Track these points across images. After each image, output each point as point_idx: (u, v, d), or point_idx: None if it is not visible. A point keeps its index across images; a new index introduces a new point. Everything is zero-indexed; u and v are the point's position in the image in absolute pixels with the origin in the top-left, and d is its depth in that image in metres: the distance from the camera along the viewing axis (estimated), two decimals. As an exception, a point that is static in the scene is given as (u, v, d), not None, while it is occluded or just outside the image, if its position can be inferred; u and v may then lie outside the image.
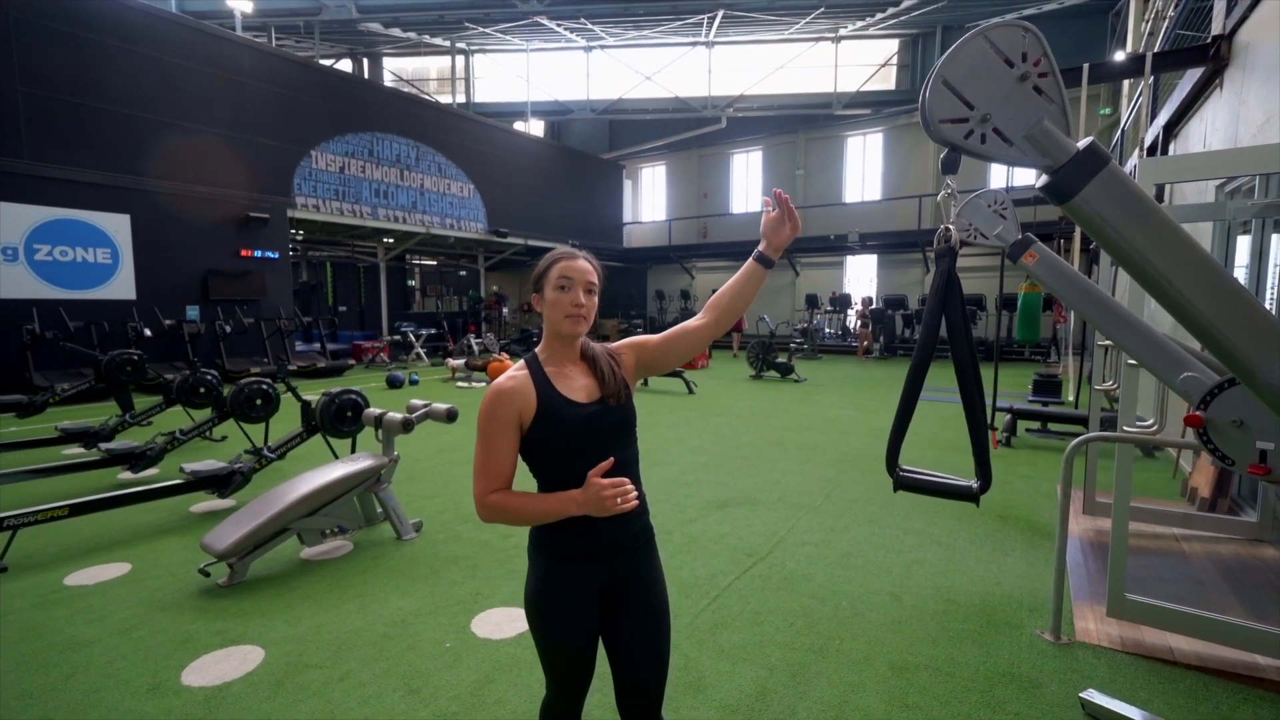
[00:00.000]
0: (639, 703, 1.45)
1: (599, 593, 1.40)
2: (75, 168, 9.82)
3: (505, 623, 2.79)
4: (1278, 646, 2.36)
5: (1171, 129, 6.31)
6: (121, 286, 10.41)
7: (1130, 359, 2.74)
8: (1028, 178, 17.11)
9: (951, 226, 1.19)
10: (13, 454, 5.36)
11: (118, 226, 10.33)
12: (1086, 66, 4.98)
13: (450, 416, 3.90)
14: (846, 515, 4.19)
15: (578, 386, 1.37)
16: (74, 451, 5.68)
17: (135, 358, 6.52)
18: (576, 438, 1.33)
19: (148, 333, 9.95)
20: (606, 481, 1.23)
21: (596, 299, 1.40)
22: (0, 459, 5.31)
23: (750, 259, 1.51)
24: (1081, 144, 1.01)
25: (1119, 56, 7.46)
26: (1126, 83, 10.58)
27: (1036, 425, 6.76)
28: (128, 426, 5.96)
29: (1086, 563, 3.40)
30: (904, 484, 1.30)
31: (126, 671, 2.42)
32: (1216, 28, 5.01)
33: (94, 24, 9.97)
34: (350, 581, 3.21)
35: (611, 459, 1.29)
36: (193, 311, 11.26)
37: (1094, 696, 2.21)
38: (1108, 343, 3.72)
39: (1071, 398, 7.41)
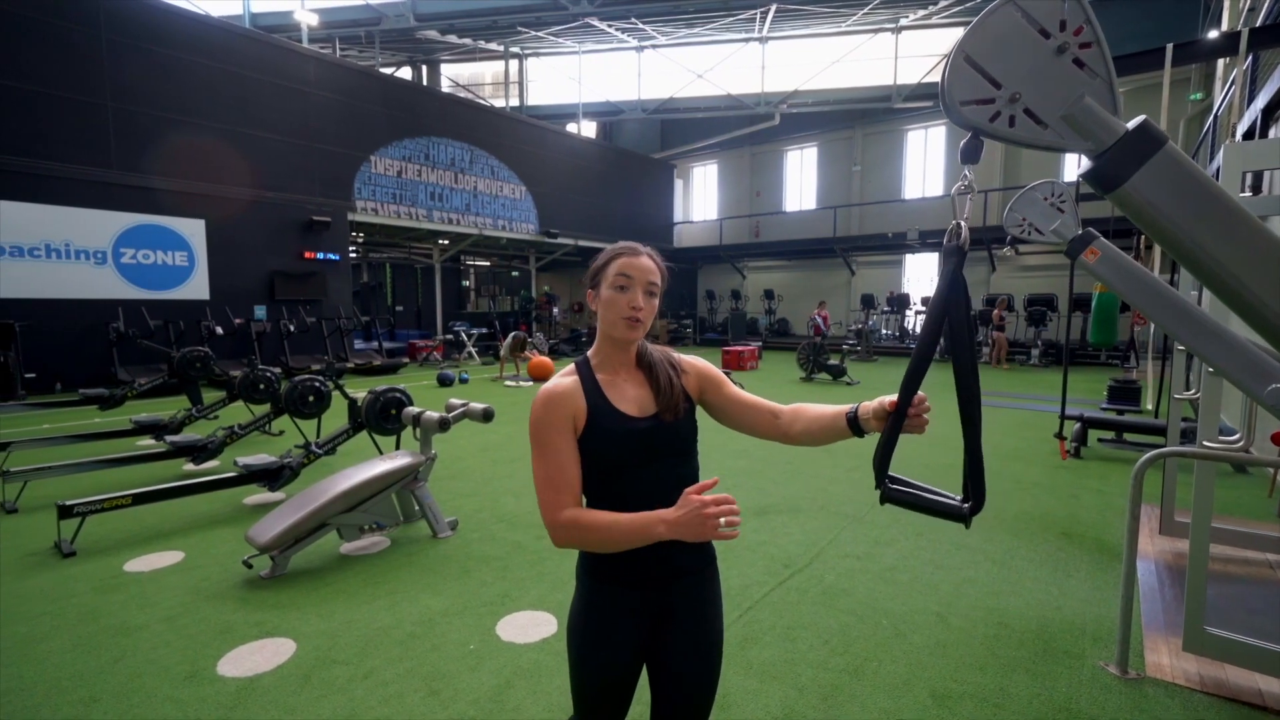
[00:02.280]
0: None
1: (650, 620, 1.28)
2: (157, 176, 10.50)
3: (530, 626, 2.76)
4: (1390, 697, 2.06)
5: (1272, 113, 5.73)
6: (196, 287, 11.07)
7: (1210, 367, 2.47)
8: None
9: (963, 223, 1.05)
10: (92, 444, 5.74)
11: (194, 231, 10.99)
12: (1170, 47, 4.56)
13: (486, 416, 3.91)
14: (893, 527, 3.97)
15: (629, 397, 1.25)
16: (146, 443, 6.05)
17: (203, 354, 6.90)
18: (624, 454, 1.21)
19: (219, 331, 10.55)
20: (709, 498, 1.04)
21: (657, 301, 1.26)
22: (81, 449, 5.70)
23: (844, 416, 1.23)
24: (1132, 124, 0.87)
25: (1212, 35, 6.82)
26: (1221, 64, 9.73)
27: (1110, 435, 6.28)
28: (195, 420, 6.30)
29: (1162, 589, 3.10)
30: (890, 497, 1.11)
31: (168, 659, 2.52)
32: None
33: (176, 41, 10.63)
34: (383, 578, 3.26)
35: (716, 478, 1.10)
36: (260, 311, 11.86)
37: (1164, 742, 1.99)
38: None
39: (1151, 406, 6.86)
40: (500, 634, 2.70)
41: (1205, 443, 2.43)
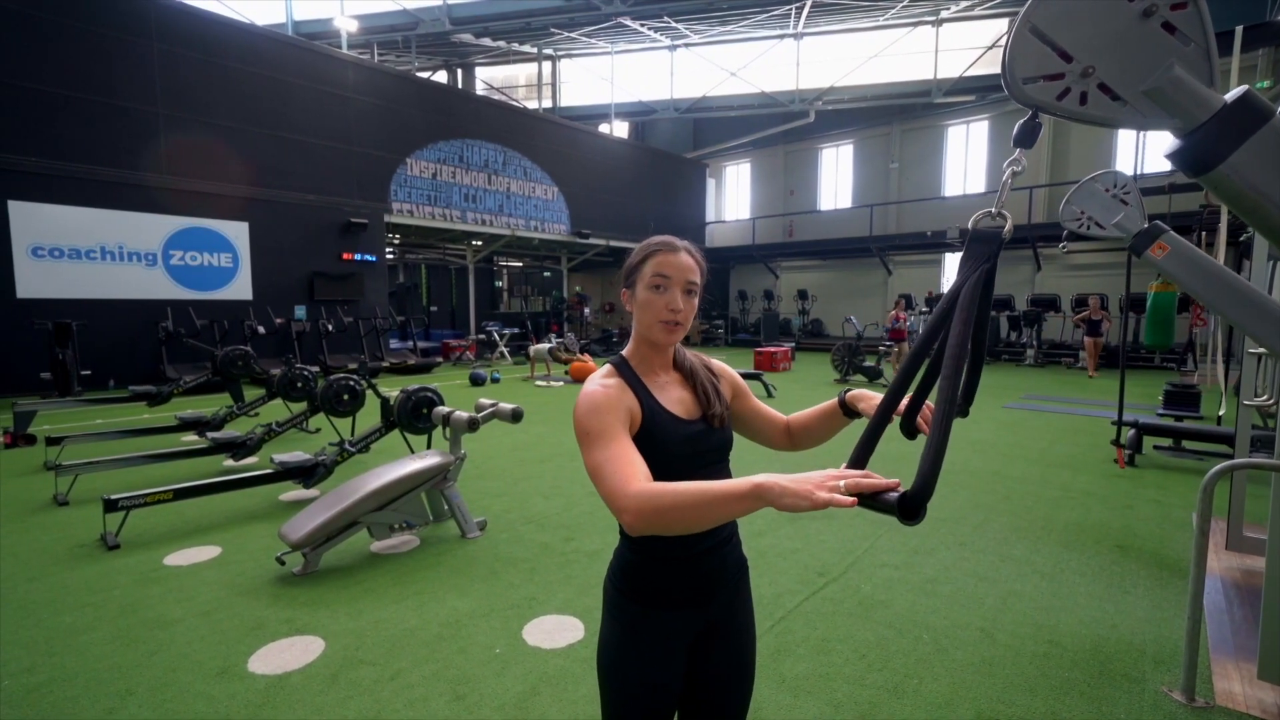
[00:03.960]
0: None
1: (694, 639, 1.21)
2: (204, 180, 10.86)
3: (557, 631, 2.71)
4: None
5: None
6: (240, 288, 11.42)
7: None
8: (1159, 160, 15.34)
9: (1006, 213, 0.94)
10: (139, 439, 5.94)
11: (238, 233, 11.33)
12: (1240, 29, 4.27)
13: (515, 417, 3.89)
14: (934, 535, 3.81)
15: (675, 399, 1.19)
16: (189, 439, 6.23)
17: (244, 353, 7.09)
18: (675, 458, 1.15)
19: (261, 330, 10.84)
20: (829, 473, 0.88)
21: (697, 301, 1.18)
22: (128, 444, 5.90)
23: (836, 402, 1.29)
24: (1230, 95, 0.76)
25: None
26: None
27: (1167, 443, 5.94)
28: (236, 416, 6.46)
29: (1231, 610, 2.89)
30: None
31: (201, 653, 2.55)
32: None
33: (223, 49, 10.98)
34: (412, 578, 3.26)
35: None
36: (300, 311, 12.16)
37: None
38: (1261, 350, 3.15)
39: (1220, 412, 6.48)
40: (527, 638, 2.66)
41: (1284, 454, 2.25)
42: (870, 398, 1.21)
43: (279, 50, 11.82)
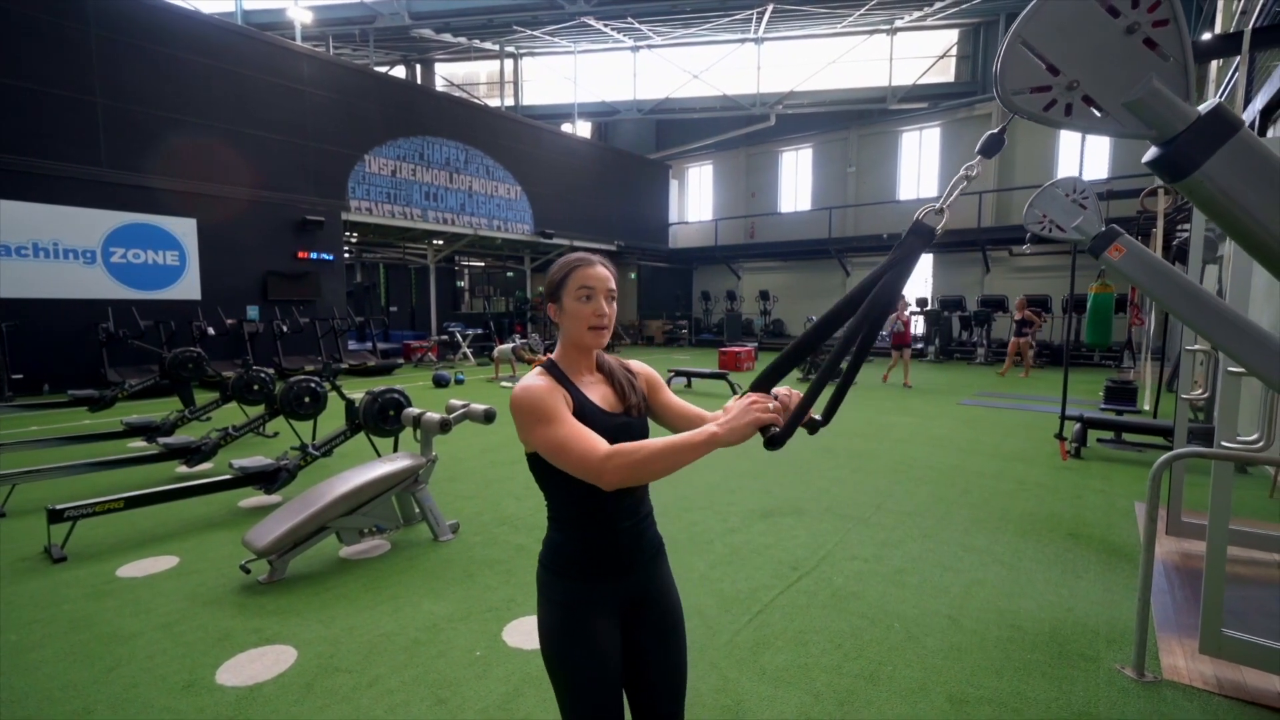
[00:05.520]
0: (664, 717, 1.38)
1: (623, 610, 1.34)
2: (148, 174, 10.36)
3: (537, 633, 2.70)
4: None
5: (1270, 114, 5.75)
6: (188, 287, 10.93)
7: (1236, 367, 2.44)
8: (1099, 168, 16.12)
9: (947, 210, 1.03)
10: (83, 446, 5.63)
11: (185, 230, 10.85)
12: (1249, 30, 4.54)
13: (488, 417, 3.85)
14: (900, 529, 3.94)
15: (599, 395, 1.34)
16: (138, 445, 5.94)
17: (195, 355, 6.79)
18: None
19: (211, 331, 10.41)
20: (751, 397, 1.11)
21: (615, 305, 1.35)
22: (71, 451, 5.59)
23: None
24: (1204, 107, 0.83)
25: (1206, 37, 6.85)
26: (1215, 66, 9.79)
27: (1109, 436, 6.28)
28: (188, 421, 6.19)
29: (1173, 590, 3.08)
30: (776, 441, 1.09)
31: (165, 667, 2.44)
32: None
33: (167, 37, 10.50)
34: (385, 582, 3.19)
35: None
36: (253, 311, 11.73)
37: (1188, 747, 1.96)
38: (1198, 347, 3.37)
39: (1148, 406, 6.87)
40: (507, 640, 2.64)
41: (1226, 443, 2.41)
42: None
43: (228, 40, 11.36)
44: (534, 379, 1.27)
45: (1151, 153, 0.87)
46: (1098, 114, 0.88)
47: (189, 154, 10.78)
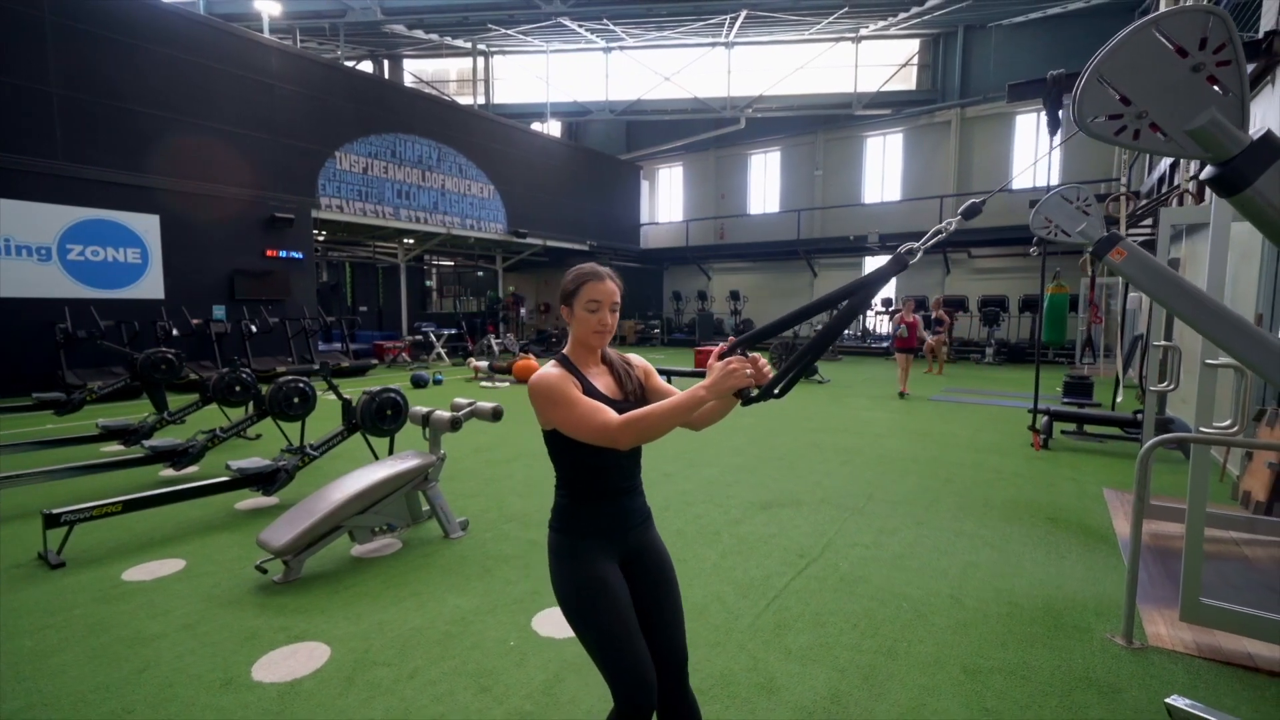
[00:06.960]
0: (672, 659, 1.56)
1: (620, 564, 1.56)
2: (107, 168, 9.95)
3: (566, 623, 2.77)
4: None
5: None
6: (150, 286, 10.54)
7: (1214, 360, 2.69)
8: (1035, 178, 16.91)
9: (924, 248, 1.29)
10: (55, 451, 5.42)
11: (147, 227, 10.46)
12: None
13: (496, 415, 3.89)
14: (893, 517, 4.14)
15: (604, 384, 1.56)
16: (113, 449, 5.75)
17: (171, 356, 6.58)
18: None
19: (175, 332, 10.07)
20: (731, 361, 1.33)
21: (619, 313, 1.58)
22: (43, 456, 5.38)
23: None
24: (1256, 134, 0.98)
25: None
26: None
27: (1072, 427, 6.67)
28: (165, 424, 6.01)
29: (1148, 566, 3.34)
30: (752, 400, 1.38)
31: (197, 666, 2.43)
32: (1268, 23, 4.92)
33: (127, 27, 10.10)
34: (404, 579, 3.21)
35: (724, 344, 1.43)
36: (219, 311, 11.37)
37: (1180, 702, 2.16)
38: (1165, 343, 3.65)
39: (1120, 399, 7.33)
40: (538, 630, 2.71)
41: (1203, 429, 2.65)
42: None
43: (192, 30, 10.99)
44: (550, 369, 1.50)
45: (1208, 171, 1.02)
46: (1162, 138, 1.03)
47: (151, 148, 10.39)
